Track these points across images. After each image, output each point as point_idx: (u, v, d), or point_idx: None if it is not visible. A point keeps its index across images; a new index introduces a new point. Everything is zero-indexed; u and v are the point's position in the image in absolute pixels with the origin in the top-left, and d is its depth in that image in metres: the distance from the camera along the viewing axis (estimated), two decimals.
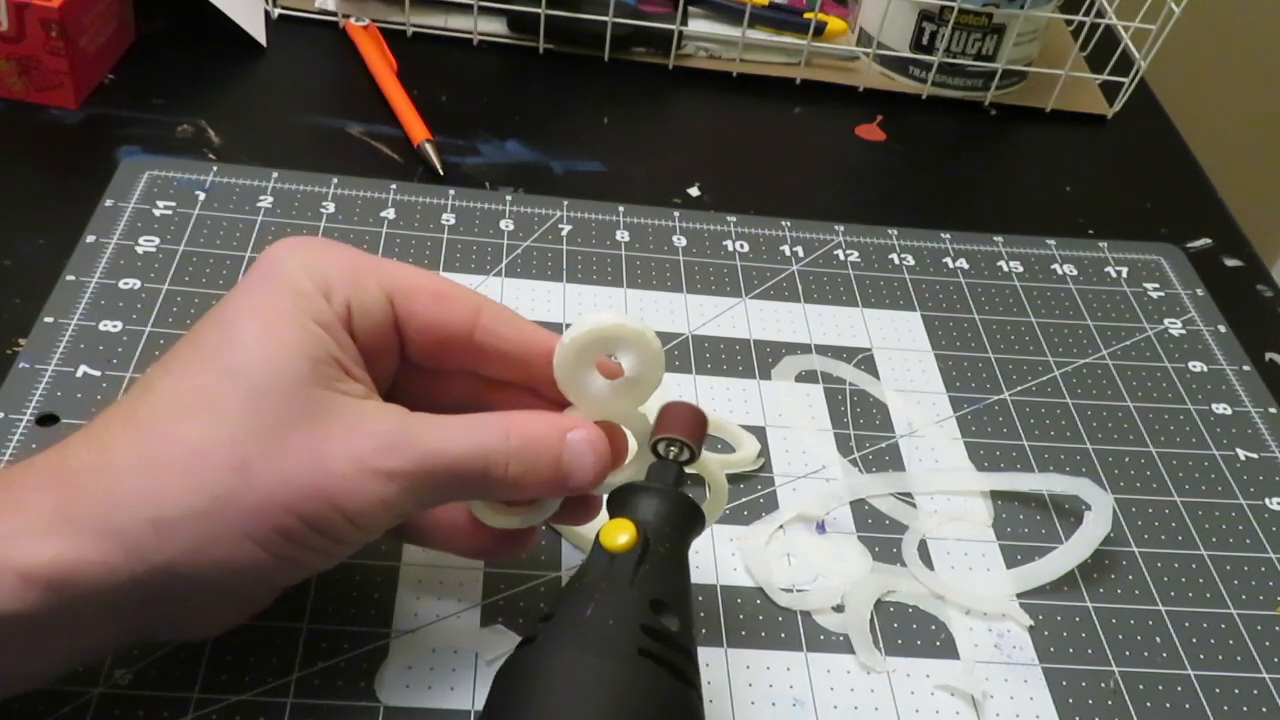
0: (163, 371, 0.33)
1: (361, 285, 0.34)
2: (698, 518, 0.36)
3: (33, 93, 0.58)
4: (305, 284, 0.33)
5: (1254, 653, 0.42)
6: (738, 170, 0.64)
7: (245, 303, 0.33)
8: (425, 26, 0.69)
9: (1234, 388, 0.53)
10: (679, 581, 0.34)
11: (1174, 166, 0.71)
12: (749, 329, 0.53)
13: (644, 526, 0.34)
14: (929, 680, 0.40)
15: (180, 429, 0.31)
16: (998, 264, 0.59)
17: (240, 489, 0.30)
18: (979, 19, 0.68)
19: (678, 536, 0.34)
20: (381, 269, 0.35)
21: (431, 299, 0.35)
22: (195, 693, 0.36)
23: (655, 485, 0.35)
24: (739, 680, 0.39)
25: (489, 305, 0.36)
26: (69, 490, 0.30)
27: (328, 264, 0.34)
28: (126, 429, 0.31)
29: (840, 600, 0.42)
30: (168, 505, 0.30)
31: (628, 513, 0.34)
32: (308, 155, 0.59)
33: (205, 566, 0.31)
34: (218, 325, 0.33)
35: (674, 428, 0.36)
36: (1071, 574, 0.44)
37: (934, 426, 0.49)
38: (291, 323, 0.32)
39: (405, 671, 0.37)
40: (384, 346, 0.35)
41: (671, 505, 0.35)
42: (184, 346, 0.33)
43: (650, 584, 0.33)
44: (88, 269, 0.50)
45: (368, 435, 0.32)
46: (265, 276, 0.34)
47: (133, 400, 0.32)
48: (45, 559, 0.29)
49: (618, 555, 0.33)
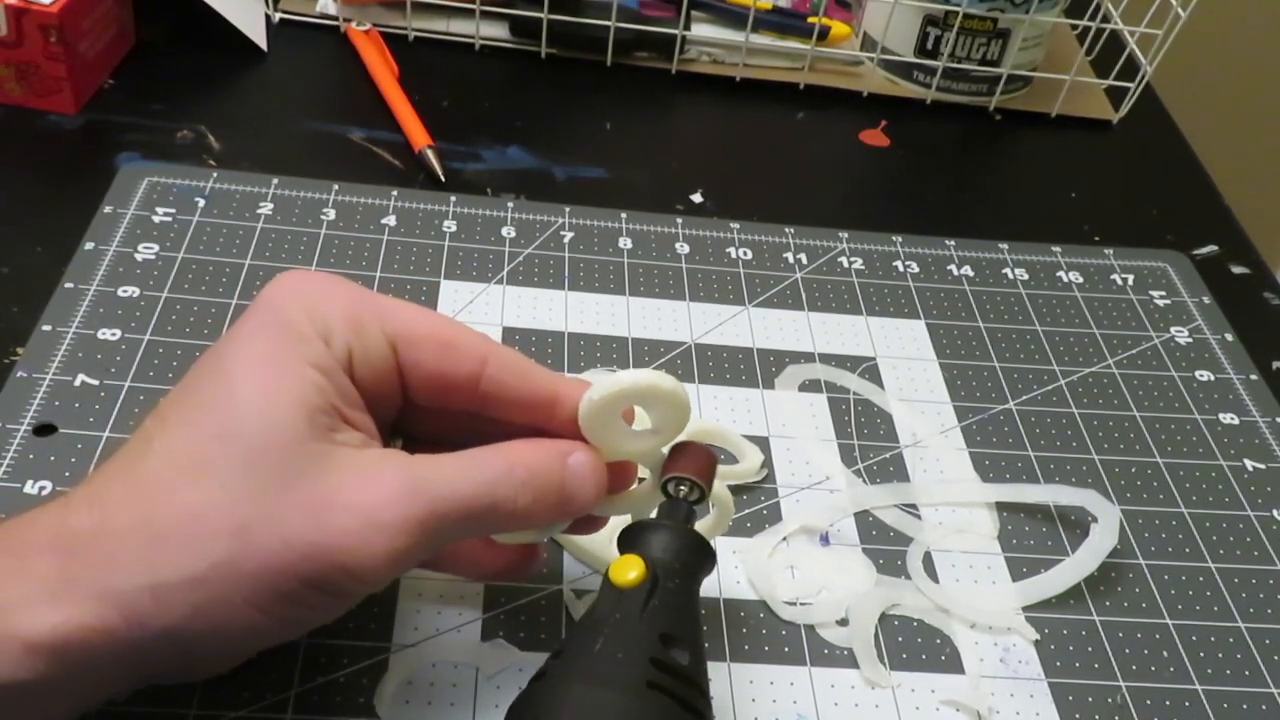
0: (160, 425, 0.32)
1: (364, 331, 0.34)
2: (708, 555, 0.36)
3: (31, 98, 0.58)
4: (305, 328, 0.33)
5: (1263, 667, 0.42)
6: (741, 176, 0.64)
7: (243, 351, 0.33)
8: (427, 31, 0.69)
9: (1241, 397, 0.53)
10: (689, 616, 0.34)
11: (1180, 172, 0.71)
12: (752, 337, 0.52)
13: (653, 563, 0.34)
14: (934, 695, 0.40)
15: (178, 494, 0.30)
16: (1003, 271, 0.58)
17: (239, 555, 0.30)
18: (984, 24, 0.68)
19: (687, 573, 0.35)
20: (385, 313, 0.34)
21: (437, 348, 0.34)
22: (193, 709, 0.36)
23: (665, 523, 0.35)
24: (742, 695, 0.39)
25: (496, 354, 0.35)
26: (70, 554, 0.30)
27: (329, 308, 0.33)
28: (126, 491, 0.31)
29: (844, 614, 0.42)
30: (166, 572, 0.30)
31: (637, 549, 0.34)
32: (308, 161, 0.58)
33: (205, 631, 0.31)
34: (215, 376, 0.32)
35: (685, 467, 0.36)
36: (1078, 587, 0.43)
37: (939, 436, 0.49)
38: (289, 371, 0.32)
39: (405, 686, 0.37)
40: (386, 391, 0.34)
41: (681, 542, 0.35)
42: (181, 396, 0.33)
43: (659, 618, 0.33)
44: (86, 276, 0.49)
45: (370, 488, 0.31)
46: (264, 320, 0.33)
47: (132, 458, 0.32)
48: (49, 626, 0.29)
49: (626, 590, 0.33)
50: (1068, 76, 0.70)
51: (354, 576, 0.31)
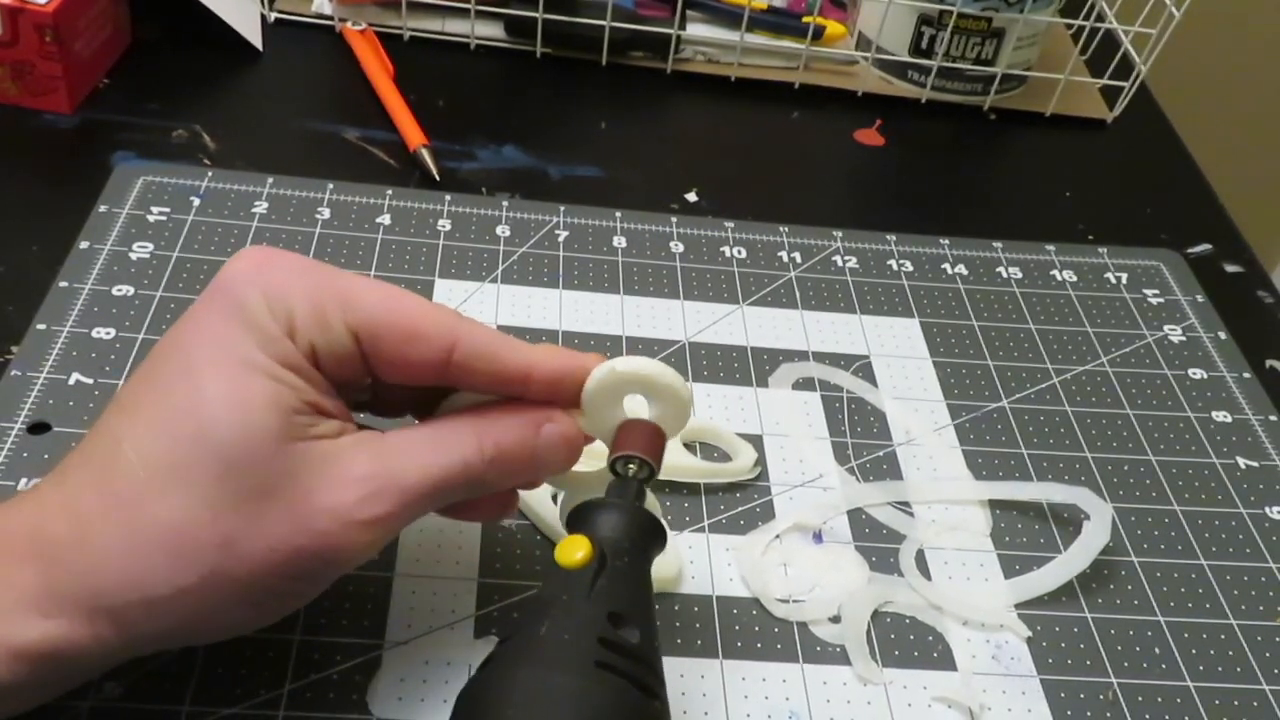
0: (129, 425, 0.32)
1: (327, 325, 0.33)
2: (658, 533, 0.35)
3: (27, 97, 0.58)
4: (269, 326, 0.32)
5: (1254, 664, 0.42)
6: (735, 175, 0.64)
7: (208, 348, 0.32)
8: (422, 31, 0.69)
9: (1234, 395, 0.53)
10: (639, 594, 0.33)
11: (1174, 171, 0.71)
12: (746, 336, 0.52)
13: (600, 542, 0.33)
14: (926, 692, 0.40)
15: (159, 508, 0.30)
16: (997, 270, 0.58)
17: (227, 564, 0.30)
18: (978, 23, 0.68)
19: (637, 551, 0.34)
20: (347, 303, 0.33)
21: (401, 340, 0.33)
22: (186, 705, 0.36)
23: (613, 501, 0.35)
24: (734, 692, 0.39)
25: (465, 337, 0.34)
26: (52, 566, 0.30)
27: (292, 301, 0.33)
28: (103, 501, 0.31)
29: (837, 611, 0.42)
30: (157, 587, 0.30)
31: (584, 529, 0.34)
32: (303, 160, 0.58)
33: (196, 630, 0.32)
34: (183, 375, 0.32)
35: (633, 444, 0.35)
36: (1070, 584, 0.44)
37: (932, 434, 0.49)
38: (259, 373, 0.31)
39: (398, 684, 0.37)
40: (353, 375, 0.34)
41: (630, 520, 0.34)
42: (146, 393, 0.32)
43: (607, 598, 0.32)
44: (81, 275, 0.49)
45: (348, 486, 0.32)
46: (226, 312, 0.32)
47: (103, 461, 0.31)
48: (37, 636, 0.30)
49: (573, 571, 0.33)
50: (1062, 76, 0.70)
51: (336, 567, 0.33)
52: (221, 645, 0.37)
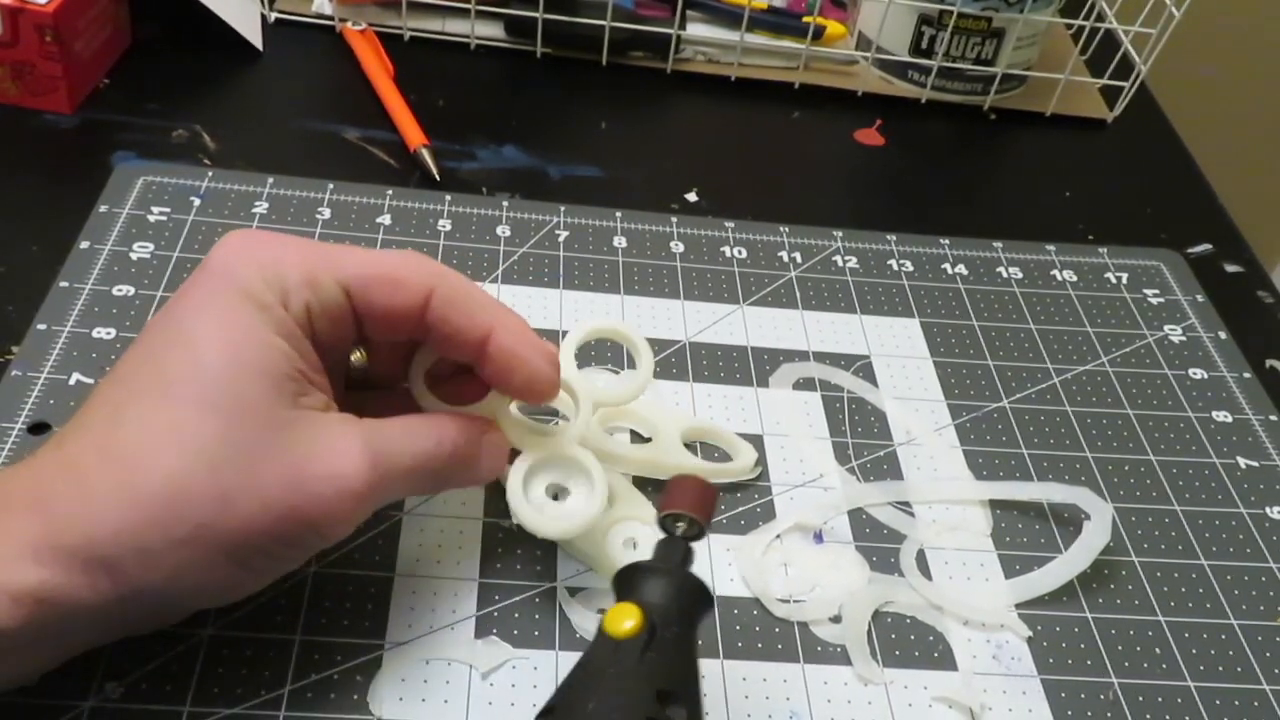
0: (129, 395, 0.33)
1: (319, 285, 0.35)
2: (706, 599, 0.34)
3: (27, 97, 0.58)
4: (264, 294, 0.34)
5: (1254, 664, 0.42)
6: (736, 175, 0.64)
7: (204, 321, 0.34)
8: (422, 31, 0.69)
9: (1234, 395, 0.53)
10: (687, 668, 0.32)
11: (1174, 171, 0.71)
12: (746, 336, 0.52)
13: (650, 610, 0.32)
14: (927, 692, 0.40)
15: (159, 462, 0.32)
16: (997, 270, 0.59)
17: (222, 518, 0.32)
18: (978, 23, 0.68)
19: (685, 620, 0.33)
20: (336, 262, 0.36)
21: (387, 287, 0.36)
22: (187, 706, 0.36)
23: (661, 566, 0.34)
24: (735, 692, 0.39)
25: (441, 286, 0.36)
26: (51, 518, 0.31)
27: (284, 270, 0.35)
28: (103, 459, 0.32)
29: (838, 611, 0.42)
30: (153, 537, 0.31)
31: (634, 596, 0.33)
32: (303, 160, 0.58)
33: (187, 586, 0.32)
34: (180, 347, 0.33)
35: (682, 502, 0.34)
36: (1071, 584, 0.44)
37: (933, 434, 0.49)
38: (255, 341, 0.33)
39: (399, 684, 0.37)
40: (342, 335, 0.36)
41: (679, 587, 0.33)
42: (144, 366, 0.34)
43: (656, 672, 0.31)
44: (81, 275, 0.49)
45: (341, 458, 0.33)
46: (220, 286, 0.34)
47: (104, 427, 0.33)
48: (34, 581, 0.30)
49: (623, 642, 0.31)
50: (1062, 76, 0.70)
51: (323, 536, 0.34)
52: (221, 645, 0.37)
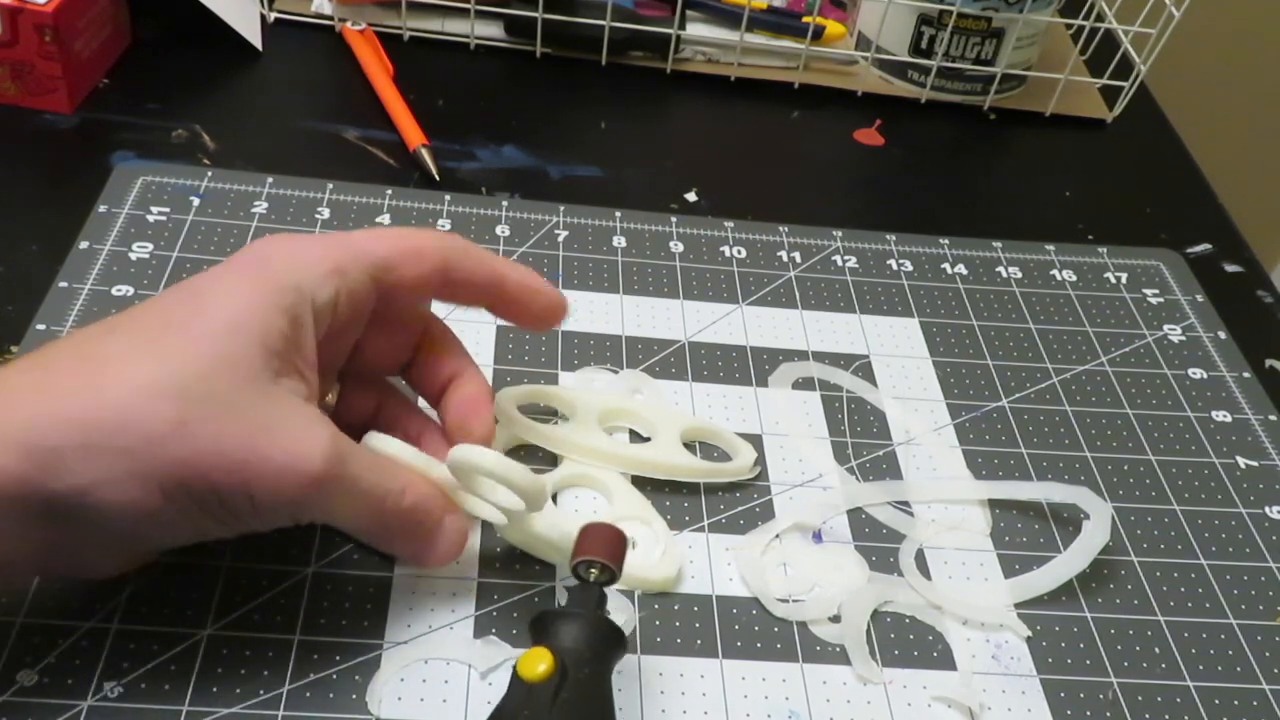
0: (126, 321, 0.34)
1: (347, 273, 0.37)
2: (619, 641, 0.35)
3: (26, 97, 0.58)
4: (285, 280, 0.35)
5: (1254, 663, 0.42)
6: (735, 175, 0.64)
7: (220, 286, 0.35)
8: (422, 31, 0.69)
9: (1234, 394, 0.53)
10: (602, 706, 0.34)
11: (1174, 171, 0.71)
12: (746, 335, 0.52)
13: (562, 654, 0.33)
14: (926, 692, 0.40)
15: (131, 369, 0.32)
16: (996, 270, 0.58)
17: (171, 441, 0.32)
18: (978, 23, 0.68)
19: (598, 662, 0.34)
20: (362, 252, 0.38)
21: (412, 259, 0.39)
22: (185, 705, 0.36)
23: (574, 611, 0.35)
24: (734, 692, 0.39)
25: (452, 248, 0.40)
26: (4, 405, 0.32)
27: (315, 266, 0.36)
28: (76, 360, 0.33)
29: (837, 610, 0.42)
30: (99, 435, 0.31)
31: (546, 640, 0.34)
32: (303, 160, 0.58)
33: (112, 503, 0.32)
34: (189, 302, 0.35)
35: (594, 550, 0.36)
36: (1070, 584, 0.44)
37: (932, 434, 0.49)
38: (259, 311, 0.34)
39: (397, 683, 0.37)
40: (357, 316, 0.38)
41: (592, 631, 0.34)
42: (147, 311, 0.35)
43: (568, 712, 0.32)
44: (81, 275, 0.49)
45: (307, 440, 0.34)
46: (246, 264, 0.36)
47: (90, 339, 0.34)
48: None
49: (535, 685, 0.33)
50: (1062, 76, 0.70)
51: (257, 507, 0.33)
52: (221, 644, 0.37)
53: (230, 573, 0.39)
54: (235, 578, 0.39)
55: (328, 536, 0.41)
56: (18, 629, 0.37)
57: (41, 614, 0.37)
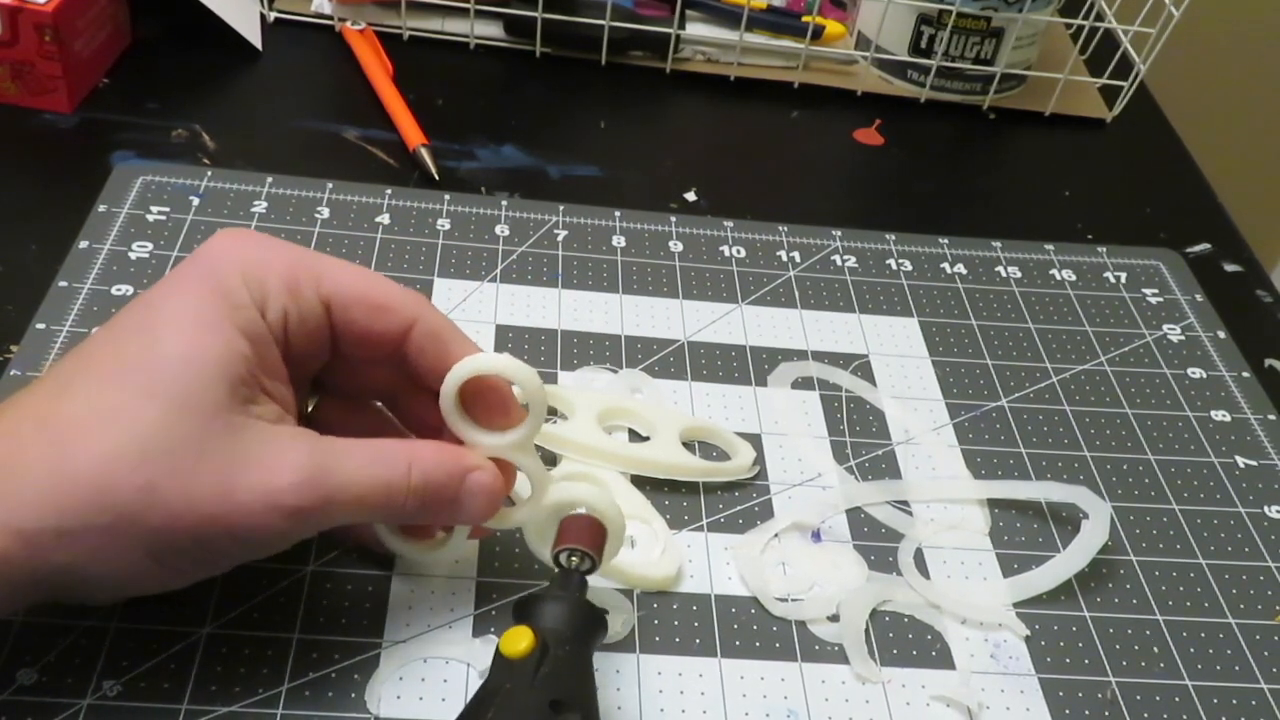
0: (82, 370, 0.33)
1: (300, 295, 0.35)
2: (599, 623, 0.36)
3: (26, 97, 0.58)
4: (240, 293, 0.34)
5: (1252, 663, 0.42)
6: (735, 175, 0.64)
7: (174, 309, 0.34)
8: (421, 30, 0.69)
9: (1233, 394, 0.53)
10: (581, 682, 0.34)
11: (1173, 171, 0.71)
12: (745, 335, 0.52)
13: (543, 633, 0.34)
14: (924, 691, 0.40)
15: (92, 443, 0.31)
16: (996, 269, 0.59)
17: (145, 509, 0.31)
18: (978, 22, 0.68)
19: (579, 641, 0.35)
20: (320, 275, 0.36)
21: (369, 310, 0.36)
22: (184, 704, 0.36)
23: (557, 593, 0.36)
24: (733, 691, 0.39)
25: (425, 318, 0.37)
26: None
27: (267, 274, 0.35)
28: (39, 431, 0.32)
29: (835, 610, 0.42)
30: (72, 518, 0.31)
31: (528, 620, 0.35)
32: (303, 160, 0.58)
33: (102, 571, 0.32)
34: (144, 332, 0.33)
35: (576, 538, 0.37)
36: (1069, 583, 0.44)
37: (931, 433, 0.49)
38: (217, 337, 0.33)
39: (396, 682, 0.37)
40: (317, 349, 0.36)
41: (572, 611, 0.35)
42: (105, 347, 0.34)
43: (550, 686, 0.33)
44: (80, 275, 0.49)
45: (277, 470, 0.33)
46: (199, 277, 0.34)
47: (49, 399, 0.33)
48: None
49: (516, 661, 0.33)
50: (1062, 75, 0.70)
51: (246, 548, 0.33)
52: (220, 643, 0.37)
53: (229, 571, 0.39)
54: (234, 576, 0.39)
55: (327, 535, 0.41)
56: (17, 627, 0.37)
57: (41, 613, 0.37)
